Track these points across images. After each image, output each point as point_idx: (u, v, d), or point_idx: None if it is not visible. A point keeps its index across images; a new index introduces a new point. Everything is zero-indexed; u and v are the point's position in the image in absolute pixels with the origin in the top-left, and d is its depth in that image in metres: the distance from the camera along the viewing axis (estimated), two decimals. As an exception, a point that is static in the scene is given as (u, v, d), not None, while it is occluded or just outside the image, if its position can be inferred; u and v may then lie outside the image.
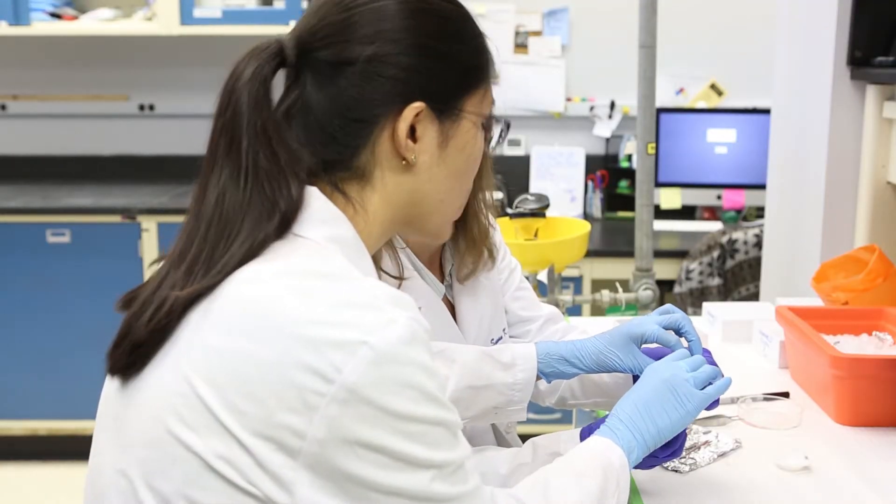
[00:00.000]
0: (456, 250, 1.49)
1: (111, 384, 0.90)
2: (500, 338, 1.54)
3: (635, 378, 1.45)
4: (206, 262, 0.85)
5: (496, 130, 1.02)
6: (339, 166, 0.92)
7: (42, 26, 3.70)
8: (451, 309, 1.48)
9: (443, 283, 1.48)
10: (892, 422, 1.53)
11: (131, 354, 0.85)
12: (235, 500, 0.78)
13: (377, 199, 0.93)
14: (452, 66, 0.94)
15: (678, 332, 1.31)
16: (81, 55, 3.97)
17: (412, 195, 0.95)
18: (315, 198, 0.89)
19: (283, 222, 0.86)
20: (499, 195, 3.70)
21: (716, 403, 1.34)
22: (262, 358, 0.78)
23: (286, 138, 0.88)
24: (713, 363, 1.34)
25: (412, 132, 0.92)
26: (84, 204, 3.55)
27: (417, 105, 0.90)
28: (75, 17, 3.79)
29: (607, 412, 1.35)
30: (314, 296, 0.80)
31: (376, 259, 1.34)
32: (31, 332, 3.55)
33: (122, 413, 0.86)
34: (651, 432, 1.10)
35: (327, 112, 0.90)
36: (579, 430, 1.32)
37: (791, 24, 2.55)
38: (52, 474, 3.54)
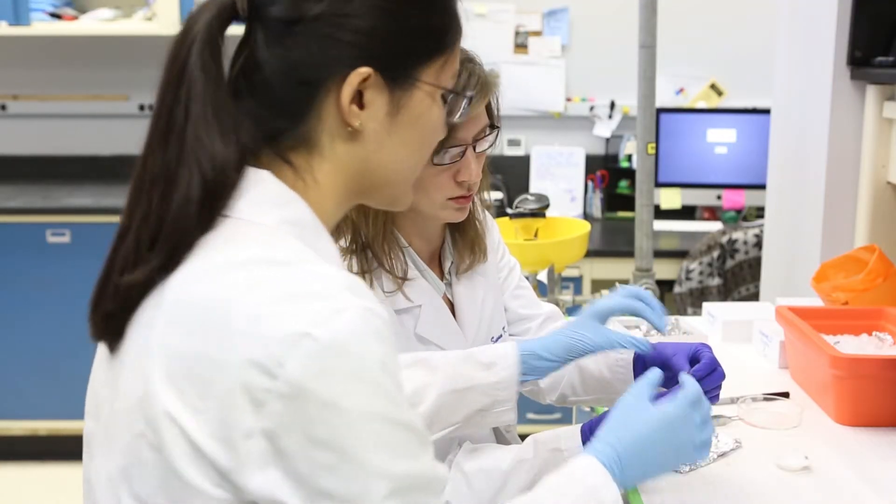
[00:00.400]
0: (455, 249, 1.49)
1: (97, 372, 0.90)
2: (500, 336, 1.54)
3: (636, 370, 1.46)
4: (150, 234, 0.82)
5: (458, 104, 0.96)
6: (287, 133, 0.87)
7: (42, 26, 3.70)
8: (451, 307, 1.49)
9: (442, 280, 1.48)
10: (892, 422, 1.53)
11: (105, 335, 0.85)
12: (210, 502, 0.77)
13: (328, 168, 0.89)
14: (408, 32, 0.88)
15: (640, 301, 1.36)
16: (81, 55, 3.97)
17: (363, 164, 0.90)
18: (267, 180, 0.86)
19: (213, 190, 0.82)
20: (498, 195, 3.70)
21: (716, 399, 1.35)
22: (216, 358, 0.76)
23: (227, 100, 0.84)
24: (713, 358, 1.35)
25: (360, 98, 0.86)
26: (84, 204, 3.55)
27: (364, 70, 0.85)
28: (75, 17, 3.80)
29: (607, 408, 1.36)
30: (262, 288, 0.77)
31: (388, 257, 1.37)
32: (31, 332, 3.55)
33: (106, 415, 0.85)
34: (636, 474, 1.06)
35: (275, 73, 0.85)
36: (579, 426, 1.33)
37: (791, 24, 2.55)
38: (52, 474, 3.55)
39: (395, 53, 0.87)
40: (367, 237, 1.37)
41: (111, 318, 0.84)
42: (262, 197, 0.85)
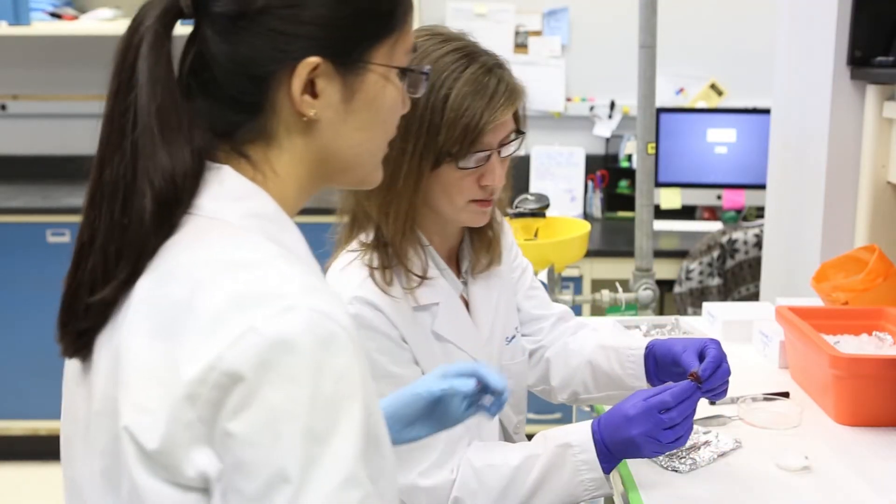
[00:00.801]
0: (472, 248, 1.50)
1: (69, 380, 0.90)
2: (514, 336, 1.55)
3: (647, 366, 1.47)
4: (116, 247, 0.82)
5: (416, 80, 0.95)
6: (244, 127, 0.87)
7: (42, 26, 3.70)
8: (467, 306, 1.50)
9: (459, 279, 1.49)
10: (892, 422, 1.53)
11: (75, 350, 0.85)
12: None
13: (287, 159, 0.88)
14: (354, 17, 0.86)
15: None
16: (81, 55, 3.97)
17: (322, 152, 0.89)
18: (227, 175, 0.85)
19: (167, 201, 0.81)
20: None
21: (723, 394, 1.35)
22: (174, 358, 0.76)
23: (177, 104, 0.83)
24: (718, 355, 1.35)
25: (312, 87, 0.86)
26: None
27: (312, 60, 0.84)
28: (75, 17, 3.80)
29: (608, 409, 1.37)
30: (220, 290, 0.77)
31: (408, 255, 1.37)
32: (31, 332, 3.54)
33: (83, 418, 0.85)
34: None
35: (224, 69, 0.85)
36: (589, 422, 1.33)
37: (791, 24, 2.55)
38: (52, 474, 3.54)
39: (343, 40, 0.86)
40: (389, 235, 1.37)
41: (83, 336, 0.84)
42: (223, 192, 0.84)
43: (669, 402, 1.26)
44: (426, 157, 1.31)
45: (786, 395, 1.67)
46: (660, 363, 1.45)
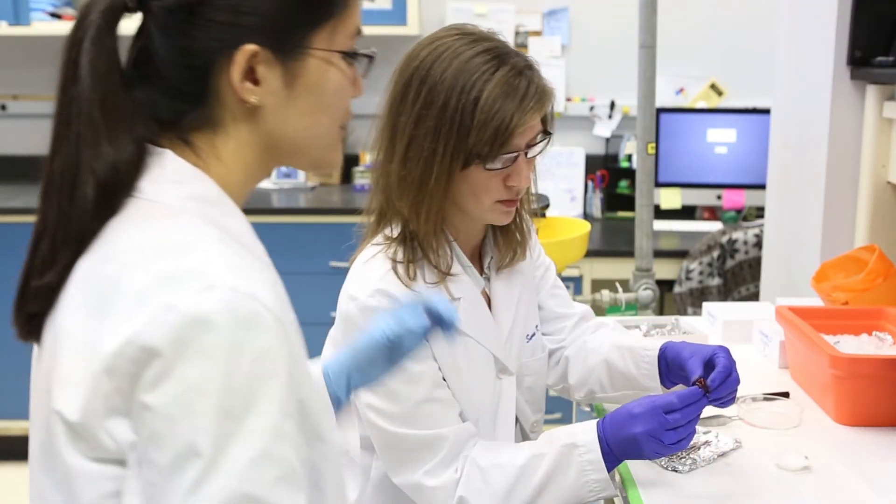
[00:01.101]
0: (496, 246, 1.51)
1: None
2: (534, 334, 1.57)
3: (661, 372, 1.48)
4: (62, 234, 0.85)
5: (361, 63, 0.96)
6: (188, 116, 0.89)
7: (42, 26, 3.71)
8: (488, 302, 1.51)
9: (481, 276, 1.50)
10: (892, 422, 1.53)
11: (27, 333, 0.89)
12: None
13: (233, 146, 0.90)
14: (289, 4, 0.88)
15: None
16: (81, 55, 3.97)
17: (269, 138, 0.91)
18: (168, 159, 0.87)
19: (109, 189, 0.84)
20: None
21: (730, 402, 1.36)
22: (99, 334, 0.78)
23: (119, 96, 0.85)
24: (727, 365, 1.36)
25: (253, 74, 0.87)
26: (84, 204, 3.55)
27: (249, 48, 0.86)
28: (75, 18, 3.80)
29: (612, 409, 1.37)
30: (148, 270, 0.79)
31: (435, 251, 1.39)
32: (31, 332, 3.55)
33: (33, 395, 0.90)
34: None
35: (166, 60, 0.87)
36: (595, 421, 1.33)
37: (791, 24, 2.55)
38: (52, 474, 3.55)
39: (281, 27, 0.88)
40: (420, 232, 1.39)
41: (33, 319, 0.87)
42: (163, 175, 0.86)
43: (676, 404, 1.27)
44: (456, 158, 1.33)
45: (786, 395, 1.67)
46: (670, 366, 1.47)
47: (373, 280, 1.37)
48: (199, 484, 0.75)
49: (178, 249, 0.81)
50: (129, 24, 0.89)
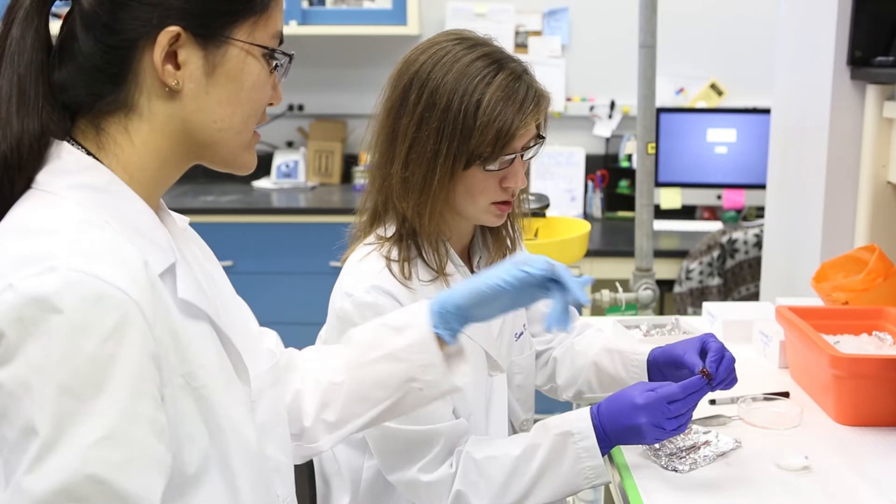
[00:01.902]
0: (485, 245, 1.54)
1: None
2: (521, 333, 1.58)
3: (650, 371, 1.50)
4: None
5: (280, 62, 0.97)
6: (104, 100, 0.90)
7: (42, 26, 3.70)
8: None
9: (472, 273, 1.52)
10: (892, 422, 1.53)
11: None
12: None
13: (146, 129, 0.92)
14: None
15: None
16: (81, 55, 3.97)
17: (185, 124, 0.93)
18: (65, 151, 0.89)
19: (9, 164, 0.86)
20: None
21: (734, 382, 1.38)
22: None
23: (37, 75, 0.88)
24: (719, 346, 1.39)
25: (175, 59, 0.90)
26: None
27: (172, 29, 0.88)
28: (75, 17, 3.79)
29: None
30: (2, 253, 0.81)
31: (431, 250, 1.40)
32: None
33: None
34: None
35: (87, 42, 0.89)
36: (589, 408, 1.34)
37: (791, 24, 2.55)
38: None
39: (203, 12, 0.90)
40: (424, 233, 1.41)
41: None
42: (59, 166, 0.88)
43: (678, 394, 1.29)
44: (458, 159, 1.36)
45: (786, 395, 1.67)
46: (663, 369, 1.49)
47: (368, 277, 1.39)
48: (38, 461, 0.76)
49: (32, 233, 0.83)
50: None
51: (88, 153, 0.91)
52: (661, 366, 1.49)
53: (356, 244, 1.48)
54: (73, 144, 0.90)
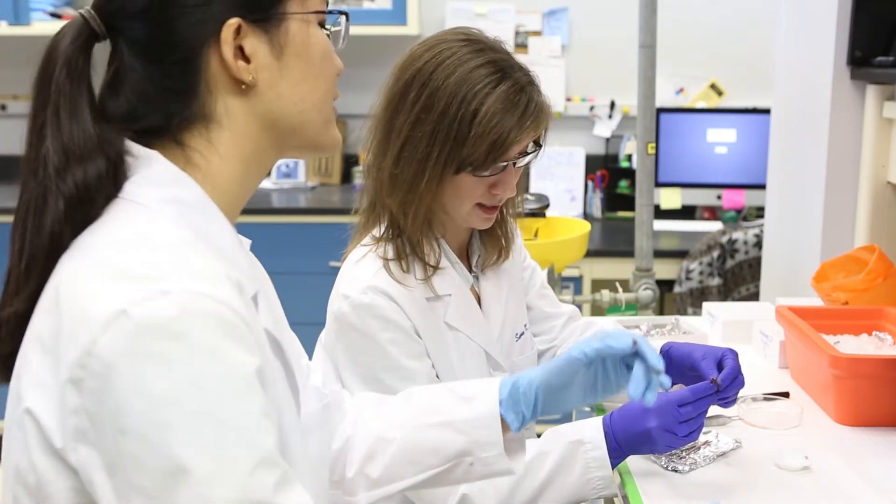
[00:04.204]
0: (482, 244, 1.54)
1: None
2: (523, 333, 1.58)
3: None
4: (26, 262, 0.83)
5: (338, 23, 0.95)
6: (177, 117, 0.87)
7: (42, 26, 3.70)
8: (478, 300, 1.53)
9: (470, 273, 1.52)
10: (892, 422, 1.53)
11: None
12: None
13: (228, 136, 0.88)
14: None
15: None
16: (81, 55, 3.97)
17: (266, 118, 0.89)
18: (155, 161, 0.85)
19: (79, 209, 0.82)
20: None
21: (732, 403, 1.36)
22: (58, 338, 0.76)
23: (89, 117, 0.84)
24: (735, 366, 1.36)
25: (242, 53, 0.86)
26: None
27: (233, 22, 0.85)
28: (75, 17, 3.79)
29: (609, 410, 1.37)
30: (101, 268, 0.77)
31: (423, 247, 1.39)
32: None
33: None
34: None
35: (148, 68, 0.85)
36: (601, 418, 1.34)
37: (791, 24, 2.55)
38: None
39: None
40: (407, 230, 1.40)
41: (9, 358, 0.83)
42: (148, 177, 0.85)
43: (689, 398, 1.29)
44: (449, 165, 1.35)
45: (786, 395, 1.67)
46: (675, 364, 1.46)
47: (364, 278, 1.39)
48: (201, 499, 0.71)
49: (134, 249, 0.79)
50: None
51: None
52: (675, 360, 1.46)
53: (354, 244, 1.48)
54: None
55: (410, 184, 1.36)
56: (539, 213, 2.45)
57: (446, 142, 1.33)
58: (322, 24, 0.92)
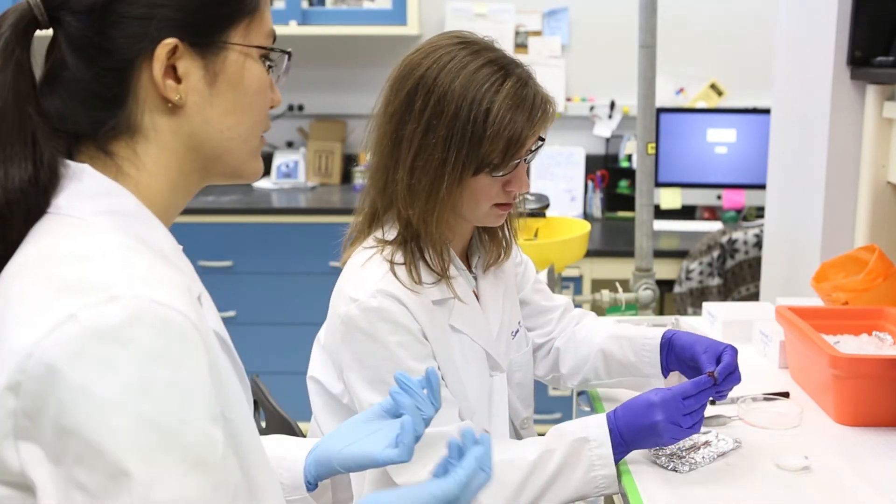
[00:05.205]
0: (481, 244, 1.54)
1: None
2: (517, 330, 1.59)
3: (665, 354, 1.54)
4: None
5: (279, 60, 0.94)
6: (105, 125, 0.86)
7: (42, 26, 3.70)
8: (477, 300, 1.53)
9: (471, 275, 1.53)
10: (892, 422, 1.53)
11: None
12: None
13: (155, 151, 0.88)
14: None
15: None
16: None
17: (192, 139, 0.89)
18: (86, 174, 0.85)
19: (8, 211, 0.82)
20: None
21: (723, 397, 1.40)
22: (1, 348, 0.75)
23: (24, 113, 0.83)
24: (732, 363, 1.41)
25: (175, 72, 0.86)
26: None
27: (169, 42, 0.84)
28: (75, 17, 3.79)
29: (608, 409, 1.37)
30: (46, 280, 0.77)
31: (435, 253, 1.39)
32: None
33: None
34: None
35: (81, 68, 0.85)
36: (605, 414, 1.35)
37: (791, 24, 2.55)
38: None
39: (198, 21, 0.87)
40: (429, 239, 1.40)
41: None
42: (79, 190, 0.84)
43: (691, 390, 1.33)
44: (467, 167, 1.35)
45: (786, 395, 1.67)
46: (677, 355, 1.51)
47: (372, 281, 1.38)
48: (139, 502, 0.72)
49: (76, 260, 0.78)
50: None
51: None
52: (676, 352, 1.51)
53: (355, 246, 1.47)
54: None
55: (429, 192, 1.36)
56: (539, 213, 2.45)
57: (462, 144, 1.33)
58: (267, 58, 0.93)
